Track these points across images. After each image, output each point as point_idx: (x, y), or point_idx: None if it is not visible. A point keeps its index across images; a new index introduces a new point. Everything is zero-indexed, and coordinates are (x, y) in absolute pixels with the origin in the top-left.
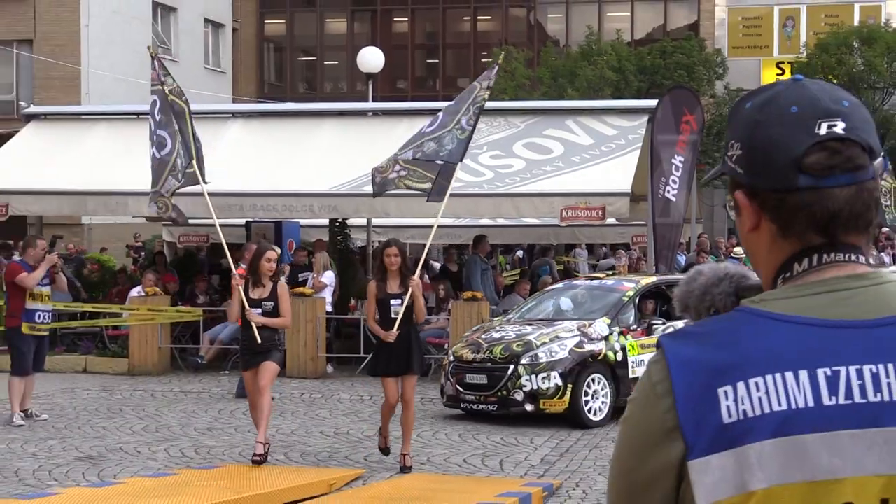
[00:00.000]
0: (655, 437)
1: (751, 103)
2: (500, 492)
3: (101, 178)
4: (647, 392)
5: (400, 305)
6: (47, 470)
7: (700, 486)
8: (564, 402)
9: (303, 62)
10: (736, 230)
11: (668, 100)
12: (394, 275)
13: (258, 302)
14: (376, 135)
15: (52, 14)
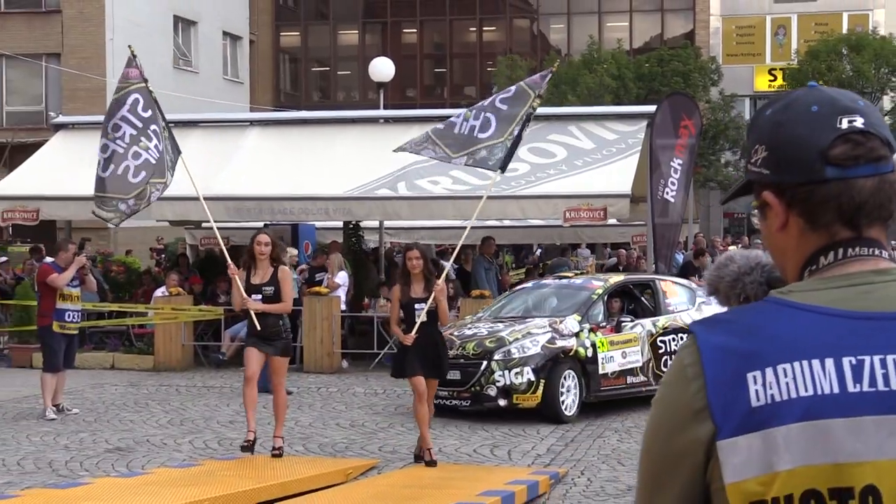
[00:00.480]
0: (685, 416)
1: (771, 109)
2: (509, 480)
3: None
4: (678, 375)
5: (423, 309)
6: (79, 461)
7: (728, 466)
8: (537, 397)
9: (317, 72)
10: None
11: (667, 105)
12: (417, 278)
13: (258, 287)
14: (388, 141)
15: (78, 29)
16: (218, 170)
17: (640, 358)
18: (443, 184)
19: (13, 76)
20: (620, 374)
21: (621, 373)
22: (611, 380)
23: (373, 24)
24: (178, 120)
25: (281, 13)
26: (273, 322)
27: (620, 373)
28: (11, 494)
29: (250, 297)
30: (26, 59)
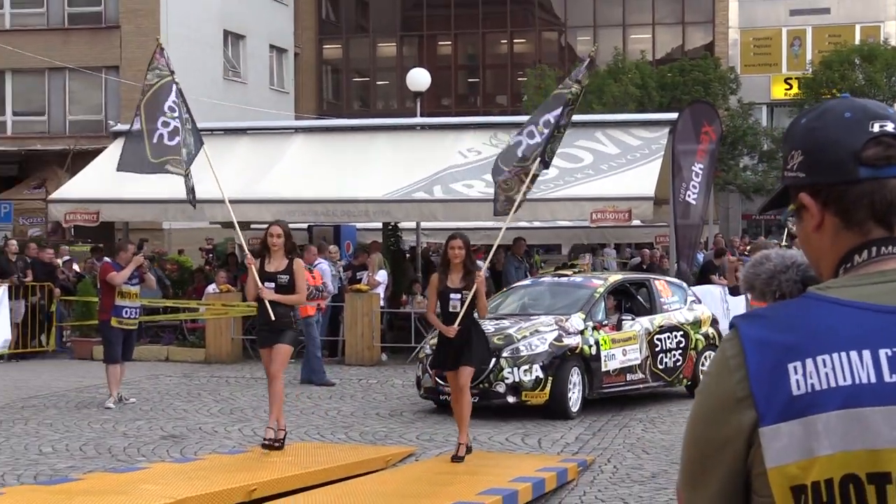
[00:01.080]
0: (728, 404)
1: (806, 118)
2: (540, 467)
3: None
4: (722, 365)
5: (459, 300)
6: (136, 447)
7: (770, 451)
8: (545, 394)
9: (358, 82)
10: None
11: (689, 113)
12: (456, 268)
13: (273, 275)
14: (424, 147)
15: (135, 43)
16: (264, 174)
17: (638, 355)
18: (477, 187)
19: (75, 88)
20: (621, 372)
21: (622, 370)
22: (612, 377)
23: (410, 37)
24: (228, 128)
25: (324, 27)
26: (284, 312)
27: (621, 370)
28: (75, 478)
29: (264, 284)
30: (87, 72)
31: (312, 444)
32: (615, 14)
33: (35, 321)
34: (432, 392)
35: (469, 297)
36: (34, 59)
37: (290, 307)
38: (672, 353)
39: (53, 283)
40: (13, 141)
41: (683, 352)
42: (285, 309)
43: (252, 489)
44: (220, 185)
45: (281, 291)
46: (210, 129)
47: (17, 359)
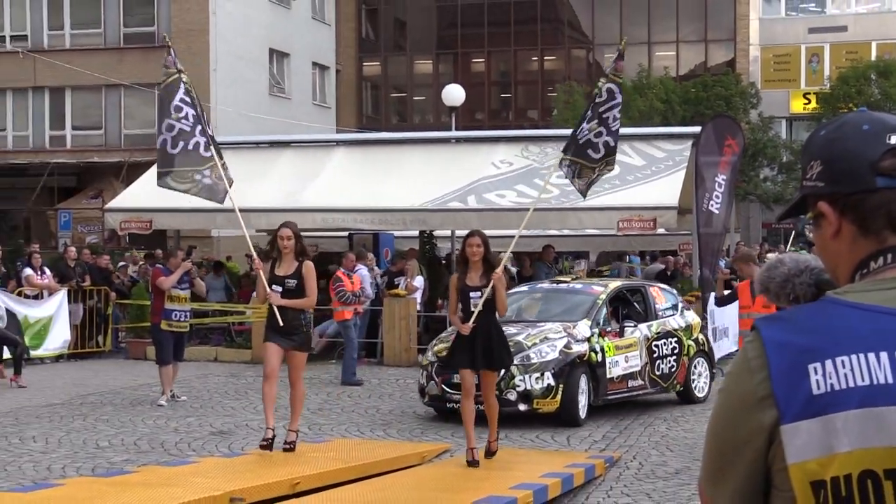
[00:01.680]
0: (750, 403)
1: (825, 130)
2: (568, 463)
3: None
4: (743, 366)
5: (479, 298)
6: (187, 442)
7: (790, 448)
8: (556, 402)
9: (395, 98)
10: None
11: (712, 126)
12: (476, 266)
13: (281, 279)
14: (458, 158)
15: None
16: (307, 184)
17: (638, 362)
18: (508, 197)
19: (130, 103)
20: (623, 378)
21: (624, 377)
22: (615, 383)
23: (445, 55)
24: (273, 140)
25: (364, 45)
26: (294, 316)
27: (623, 376)
28: (129, 470)
29: (272, 288)
30: (142, 88)
31: (353, 441)
32: (641, 32)
33: (92, 323)
34: (438, 400)
35: (486, 294)
36: (92, 77)
37: (299, 311)
38: (667, 359)
39: (109, 287)
40: (72, 154)
41: (677, 358)
42: (295, 313)
43: (296, 482)
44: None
45: (289, 295)
46: (256, 142)
47: (76, 358)
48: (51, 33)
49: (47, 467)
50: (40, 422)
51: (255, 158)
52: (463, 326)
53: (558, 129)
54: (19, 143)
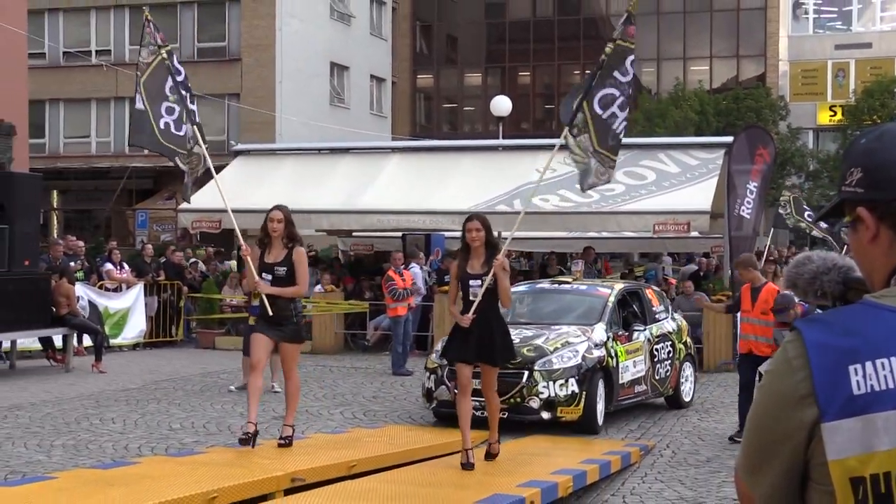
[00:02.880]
0: (791, 401)
1: (865, 139)
2: (606, 450)
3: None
4: (784, 365)
5: (480, 287)
6: None
7: (831, 445)
8: (579, 410)
9: (447, 108)
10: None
11: (745, 136)
12: (477, 252)
13: (270, 267)
14: (505, 165)
15: (254, 74)
16: (365, 188)
17: (643, 367)
18: (552, 201)
19: (202, 112)
20: (632, 384)
21: (632, 382)
22: (625, 389)
23: (493, 68)
24: (333, 147)
25: (418, 59)
26: (284, 306)
27: (632, 382)
28: (199, 451)
29: (261, 276)
30: (213, 98)
31: (404, 427)
32: (676, 48)
33: (166, 314)
34: (450, 406)
35: (487, 282)
36: None
37: (290, 300)
38: (664, 363)
39: (182, 281)
40: (149, 159)
41: (671, 362)
42: (285, 302)
43: (352, 465)
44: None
45: (279, 284)
46: (318, 149)
47: (151, 347)
48: (131, 48)
49: (125, 446)
50: (118, 405)
51: (317, 164)
52: (462, 318)
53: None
54: (102, 149)
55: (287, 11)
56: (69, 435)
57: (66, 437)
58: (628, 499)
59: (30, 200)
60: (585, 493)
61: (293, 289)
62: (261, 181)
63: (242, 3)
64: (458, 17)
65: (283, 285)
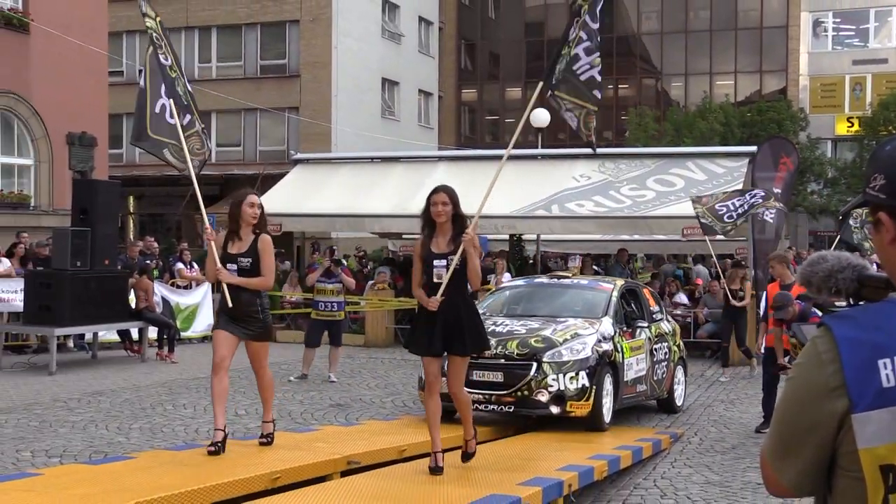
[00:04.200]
0: (821, 392)
1: (890, 146)
2: (638, 437)
3: (345, 205)
4: (814, 358)
5: (445, 267)
6: (310, 412)
7: (861, 434)
8: (589, 405)
9: (489, 120)
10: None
11: (768, 146)
12: (443, 229)
13: (234, 257)
14: (543, 173)
15: (311, 89)
16: (414, 194)
17: (644, 366)
18: (587, 206)
19: (264, 124)
20: (634, 382)
21: (635, 380)
22: (629, 387)
23: (533, 83)
24: (385, 156)
25: (462, 75)
26: (249, 300)
27: (635, 380)
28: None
29: (226, 266)
30: (274, 111)
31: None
32: (703, 63)
33: None
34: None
35: (454, 262)
36: (233, 102)
37: (255, 293)
38: (661, 363)
39: None
40: (216, 167)
41: (668, 363)
42: (250, 295)
43: (403, 449)
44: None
45: (243, 275)
46: (370, 158)
47: None
48: (201, 66)
49: (195, 430)
50: (189, 392)
51: (370, 172)
52: (429, 301)
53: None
54: None
55: (342, 31)
56: (145, 419)
57: (143, 421)
58: (659, 482)
59: (109, 205)
60: (619, 476)
61: (259, 280)
62: (318, 188)
63: (301, 24)
64: (499, 36)
65: (247, 276)
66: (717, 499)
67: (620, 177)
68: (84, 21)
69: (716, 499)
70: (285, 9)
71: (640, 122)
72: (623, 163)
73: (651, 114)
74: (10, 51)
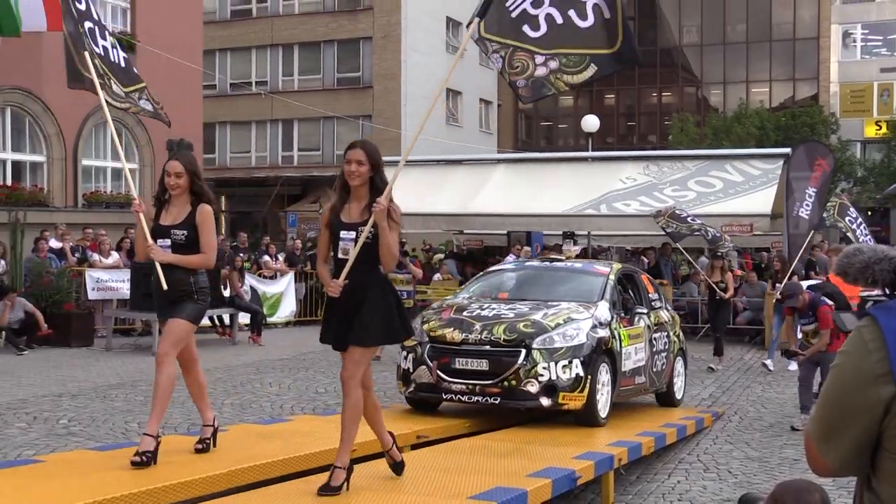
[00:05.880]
0: (867, 378)
1: None
2: (682, 416)
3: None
4: (860, 347)
5: (353, 241)
6: (382, 391)
7: None
8: (583, 397)
9: (544, 126)
10: (849, 238)
11: (803, 149)
12: (358, 194)
13: (167, 229)
14: (593, 174)
15: (383, 99)
16: (476, 194)
17: (643, 355)
18: (633, 206)
19: (341, 131)
20: (632, 373)
21: (633, 371)
22: (626, 379)
23: (583, 92)
24: (449, 159)
25: None
26: (182, 279)
27: (633, 371)
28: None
29: (157, 241)
30: (350, 119)
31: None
32: (740, 72)
33: (312, 298)
34: (430, 390)
35: (363, 235)
36: (313, 111)
37: (190, 271)
38: (661, 354)
39: None
40: (298, 169)
41: (667, 354)
42: (185, 274)
43: (467, 425)
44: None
45: (179, 251)
46: (436, 160)
47: (300, 325)
48: (284, 79)
49: (280, 406)
50: (274, 372)
51: (435, 173)
52: (330, 284)
53: (673, 151)
54: (260, 162)
55: (410, 46)
56: (236, 396)
57: (234, 398)
58: (702, 457)
59: None
60: (665, 452)
61: (197, 257)
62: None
63: (374, 40)
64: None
65: (182, 253)
66: (756, 473)
67: (663, 179)
68: (182, 41)
69: (755, 473)
70: (359, 27)
71: (683, 126)
72: (666, 165)
73: (692, 119)
74: None
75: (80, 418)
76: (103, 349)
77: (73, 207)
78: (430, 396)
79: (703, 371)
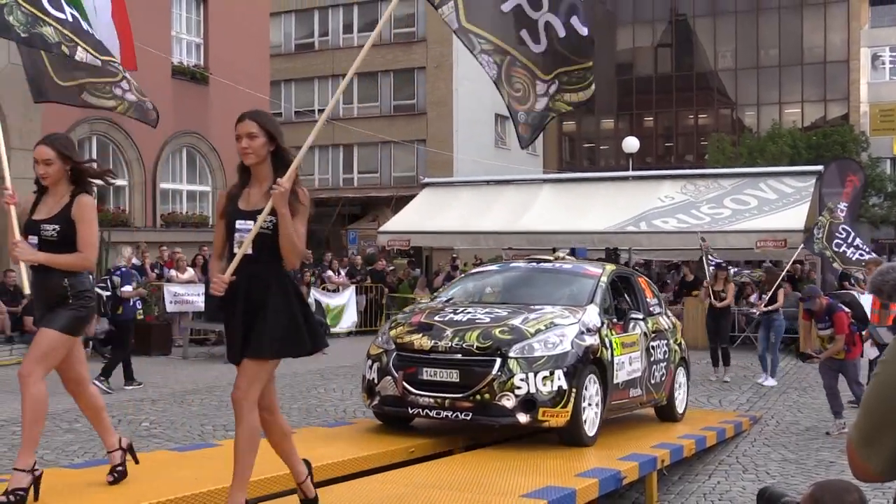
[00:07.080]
0: None
1: None
2: (721, 420)
3: (466, 222)
4: None
5: (247, 231)
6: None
7: None
8: (567, 413)
9: (586, 147)
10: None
11: (835, 166)
12: (259, 175)
13: (37, 224)
14: (633, 193)
15: (436, 124)
16: (523, 213)
17: (639, 366)
18: (671, 223)
19: (397, 154)
20: (626, 386)
21: (627, 383)
22: (619, 392)
23: (624, 115)
24: (498, 180)
25: None
26: (57, 282)
27: (627, 383)
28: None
29: (27, 239)
30: (405, 143)
31: None
32: (773, 94)
33: (372, 310)
34: (396, 404)
35: (258, 224)
36: (371, 136)
37: (66, 273)
38: (660, 364)
39: (383, 284)
40: (357, 190)
41: (667, 364)
42: (59, 276)
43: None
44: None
45: (50, 249)
46: (486, 181)
47: (361, 334)
48: (344, 106)
49: (343, 410)
50: (338, 378)
51: (485, 193)
52: (216, 280)
53: (710, 170)
54: (322, 183)
55: (461, 75)
56: (302, 400)
57: (301, 402)
58: (741, 459)
59: None
60: (705, 454)
61: (71, 256)
62: (442, 207)
63: (427, 70)
64: (594, 75)
65: (56, 252)
66: (793, 474)
67: (700, 197)
68: (250, 73)
69: (792, 474)
70: (413, 58)
71: (719, 146)
72: (703, 184)
73: (727, 139)
74: (194, 99)
75: (160, 421)
76: (180, 357)
77: (152, 227)
78: (396, 411)
79: (741, 378)
